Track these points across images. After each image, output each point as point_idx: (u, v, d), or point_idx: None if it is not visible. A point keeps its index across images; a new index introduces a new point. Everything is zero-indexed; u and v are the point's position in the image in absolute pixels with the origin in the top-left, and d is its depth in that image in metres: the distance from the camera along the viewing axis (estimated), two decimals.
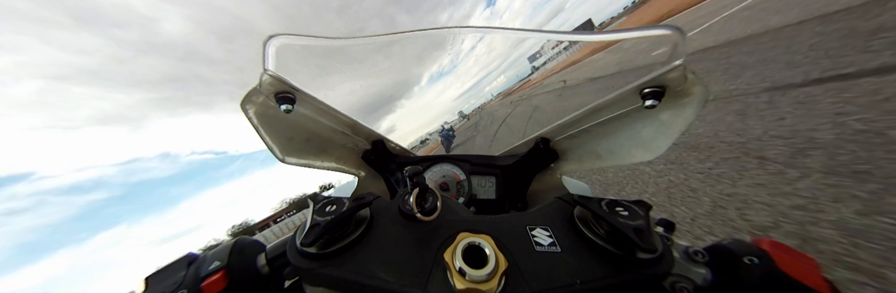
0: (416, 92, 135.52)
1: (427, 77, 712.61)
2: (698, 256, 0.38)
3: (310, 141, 0.75)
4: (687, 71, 0.45)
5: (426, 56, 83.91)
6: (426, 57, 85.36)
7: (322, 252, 0.36)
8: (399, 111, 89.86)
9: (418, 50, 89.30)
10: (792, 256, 0.36)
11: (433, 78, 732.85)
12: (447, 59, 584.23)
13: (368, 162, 0.92)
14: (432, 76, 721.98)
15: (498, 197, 0.88)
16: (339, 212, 0.38)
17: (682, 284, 0.35)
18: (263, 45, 0.52)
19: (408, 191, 0.43)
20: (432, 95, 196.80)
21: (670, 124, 0.55)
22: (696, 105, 0.49)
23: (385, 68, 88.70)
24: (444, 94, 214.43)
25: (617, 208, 0.38)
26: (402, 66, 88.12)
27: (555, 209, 0.44)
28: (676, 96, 0.51)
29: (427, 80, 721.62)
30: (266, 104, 0.58)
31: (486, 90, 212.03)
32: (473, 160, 0.92)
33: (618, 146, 0.69)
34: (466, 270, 0.30)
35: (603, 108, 0.62)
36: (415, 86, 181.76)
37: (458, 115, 79.42)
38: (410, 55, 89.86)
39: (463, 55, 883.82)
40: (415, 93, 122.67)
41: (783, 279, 0.33)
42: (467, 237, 0.35)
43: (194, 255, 0.44)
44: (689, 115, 0.51)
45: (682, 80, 0.47)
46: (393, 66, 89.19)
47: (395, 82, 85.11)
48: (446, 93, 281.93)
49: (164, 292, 0.37)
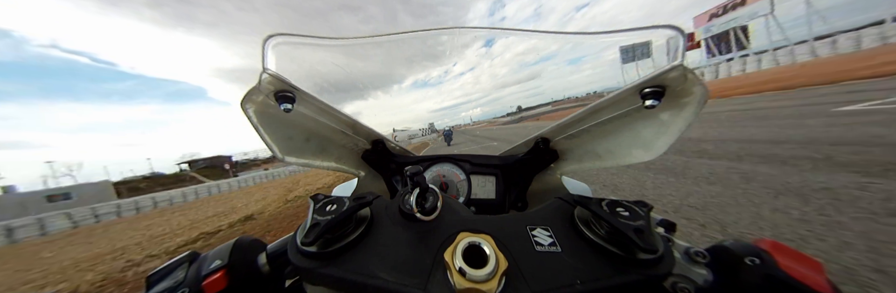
0: (394, 90, 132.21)
1: (411, 80, 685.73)
2: (699, 257, 0.38)
3: (310, 140, 0.75)
4: (687, 71, 0.45)
5: (417, 60, 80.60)
6: (417, 61, 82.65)
7: (322, 251, 0.36)
8: (370, 100, 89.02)
9: (412, 52, 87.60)
10: (793, 257, 0.36)
11: (417, 83, 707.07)
12: (436, 69, 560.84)
13: (368, 162, 0.92)
14: (417, 81, 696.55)
15: (498, 197, 0.88)
16: (339, 212, 0.38)
17: (683, 285, 0.35)
18: (263, 45, 0.52)
19: (408, 191, 0.43)
20: (410, 99, 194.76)
21: (670, 124, 0.55)
22: (696, 105, 0.49)
23: (374, 55, 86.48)
24: (421, 103, 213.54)
25: (617, 209, 0.38)
26: (390, 60, 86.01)
27: (555, 209, 0.44)
28: (676, 96, 0.51)
29: (410, 84, 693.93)
30: (266, 103, 0.58)
31: (462, 115, 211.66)
32: (473, 160, 0.92)
33: (618, 146, 0.68)
34: (466, 270, 0.30)
35: (603, 108, 0.62)
36: (395, 84, 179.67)
37: (427, 127, 69.61)
38: (404, 54, 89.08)
39: (452, 76, 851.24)
40: (393, 90, 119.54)
41: (784, 280, 0.33)
42: (467, 237, 0.35)
43: (196, 254, 0.44)
44: (689, 115, 0.51)
45: (681, 80, 0.47)
46: (383, 57, 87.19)
47: (378, 74, 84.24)
48: (424, 103, 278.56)
49: (165, 291, 0.37)
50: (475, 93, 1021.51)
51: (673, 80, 0.48)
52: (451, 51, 0.79)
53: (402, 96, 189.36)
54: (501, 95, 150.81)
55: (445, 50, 0.69)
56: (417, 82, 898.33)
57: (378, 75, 0.68)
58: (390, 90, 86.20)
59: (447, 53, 0.67)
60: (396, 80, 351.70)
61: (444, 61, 4.48)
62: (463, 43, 0.71)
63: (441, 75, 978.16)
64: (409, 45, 0.65)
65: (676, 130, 0.54)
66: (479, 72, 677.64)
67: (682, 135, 0.53)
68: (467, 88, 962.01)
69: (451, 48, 0.82)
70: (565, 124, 0.72)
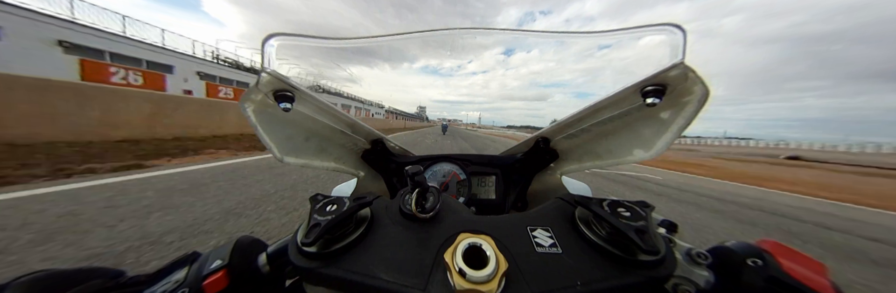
0: (404, 67, 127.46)
1: (422, 64, 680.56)
2: (701, 258, 0.38)
3: (309, 140, 0.75)
4: (688, 69, 0.45)
5: (434, 47, 76.73)
6: (433, 48, 78.31)
7: (323, 251, 0.36)
8: (375, 70, 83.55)
9: (432, 37, 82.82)
10: (796, 259, 0.36)
11: (428, 69, 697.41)
12: (451, 61, 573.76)
13: (368, 161, 0.92)
14: (428, 66, 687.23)
15: (498, 197, 0.88)
16: (339, 212, 0.38)
17: (685, 286, 0.35)
18: (262, 45, 0.52)
19: (408, 191, 0.43)
20: (415, 82, 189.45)
21: (671, 123, 0.55)
22: (697, 104, 0.49)
23: (392, 25, 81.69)
24: (425, 89, 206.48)
25: (619, 209, 0.38)
26: (414, 41, 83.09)
27: (555, 209, 0.44)
28: (677, 95, 0.50)
29: (421, 67, 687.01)
30: (264, 102, 0.59)
31: (461, 113, 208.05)
32: (474, 160, 0.92)
33: (618, 146, 0.68)
34: (467, 271, 0.30)
35: (603, 108, 0.62)
36: (406, 62, 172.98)
37: (416, 112, 69.56)
38: (425, 40, 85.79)
39: (464, 72, 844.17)
40: (402, 67, 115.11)
41: (787, 281, 0.32)
42: (468, 237, 0.35)
43: (196, 254, 0.44)
44: (689, 114, 0.51)
45: (682, 79, 0.47)
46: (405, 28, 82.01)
47: (392, 46, 77.74)
48: (428, 90, 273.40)
49: (166, 291, 0.37)
50: (481, 96, 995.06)
51: (674, 79, 0.48)
52: (470, 47, 0.76)
53: (408, 77, 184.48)
54: (504, 106, 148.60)
55: (465, 44, 0.66)
56: (428, 68, 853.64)
57: (392, 47, 0.66)
58: (400, 67, 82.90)
59: (465, 49, 0.64)
60: (408, 59, 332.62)
61: (461, 56, 4.35)
62: (483, 43, 0.68)
63: (454, 68, 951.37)
64: (434, 34, 0.63)
65: (677, 129, 0.54)
66: (490, 76, 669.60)
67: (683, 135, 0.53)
68: (475, 89, 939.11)
69: (470, 45, 0.79)
70: (565, 124, 0.72)
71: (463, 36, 0.65)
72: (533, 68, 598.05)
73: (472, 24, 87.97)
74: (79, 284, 0.35)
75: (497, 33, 0.65)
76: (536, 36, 0.64)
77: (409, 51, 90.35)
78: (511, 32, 0.65)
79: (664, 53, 0.46)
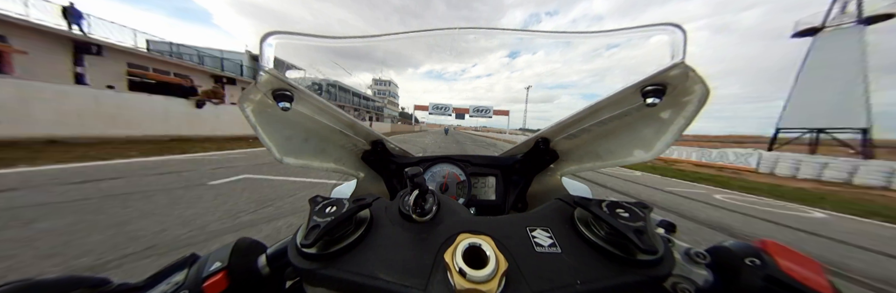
0: (408, 73, 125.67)
1: (426, 68, 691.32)
2: (699, 258, 0.38)
3: (308, 140, 0.75)
4: (688, 69, 0.45)
5: (438, 51, 78.22)
6: (437, 52, 79.33)
7: (323, 253, 0.36)
8: (380, 76, 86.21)
9: (435, 40, 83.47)
10: (794, 258, 0.36)
11: (432, 73, 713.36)
12: (455, 65, 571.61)
13: (368, 163, 0.92)
14: (432, 71, 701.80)
15: (498, 198, 0.88)
16: (338, 213, 0.37)
17: (683, 285, 0.35)
18: (260, 43, 0.52)
19: (407, 192, 0.43)
20: (419, 87, 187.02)
21: (671, 123, 0.55)
22: (697, 103, 0.49)
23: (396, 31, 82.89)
24: (430, 94, 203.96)
25: (617, 210, 0.38)
26: (412, 43, 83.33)
27: (555, 210, 0.44)
28: (677, 95, 0.50)
29: (425, 72, 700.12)
30: (263, 102, 0.58)
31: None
32: (473, 160, 0.92)
33: (618, 146, 0.68)
34: (467, 271, 0.30)
35: (603, 108, 0.62)
36: (410, 67, 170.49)
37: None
38: (427, 40, 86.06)
39: (468, 76, 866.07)
40: (407, 73, 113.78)
41: (785, 281, 0.33)
42: (467, 238, 0.35)
43: (195, 256, 0.44)
44: (689, 114, 0.51)
45: (683, 78, 0.47)
46: (405, 38, 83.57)
47: (397, 52, 79.45)
48: (432, 95, 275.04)
49: (165, 292, 0.37)
50: (485, 100, 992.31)
51: (674, 78, 0.48)
52: (474, 51, 0.76)
53: (413, 82, 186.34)
54: (510, 109, 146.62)
55: (469, 48, 0.66)
56: (432, 72, 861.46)
57: (397, 53, 0.64)
58: (404, 72, 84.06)
59: (469, 52, 0.64)
60: (413, 64, 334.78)
61: (466, 60, 4.29)
62: (487, 46, 0.68)
63: (458, 72, 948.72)
64: (432, 34, 0.62)
65: (677, 130, 0.54)
66: (495, 79, 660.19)
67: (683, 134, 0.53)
68: (479, 93, 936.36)
69: (474, 48, 0.78)
70: (565, 124, 0.72)
71: (465, 38, 0.65)
72: (538, 70, 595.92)
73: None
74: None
75: (497, 33, 0.65)
76: (537, 36, 0.64)
77: (413, 56, 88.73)
78: (512, 32, 0.65)
79: (668, 52, 0.46)
